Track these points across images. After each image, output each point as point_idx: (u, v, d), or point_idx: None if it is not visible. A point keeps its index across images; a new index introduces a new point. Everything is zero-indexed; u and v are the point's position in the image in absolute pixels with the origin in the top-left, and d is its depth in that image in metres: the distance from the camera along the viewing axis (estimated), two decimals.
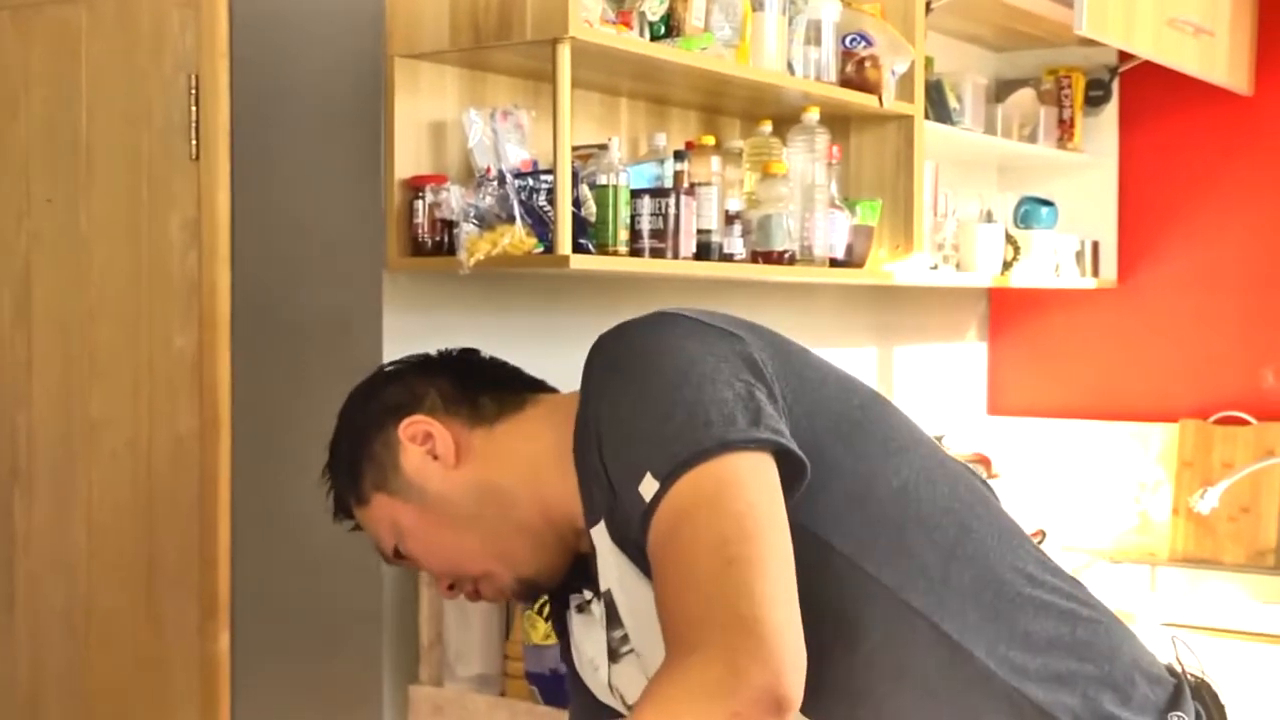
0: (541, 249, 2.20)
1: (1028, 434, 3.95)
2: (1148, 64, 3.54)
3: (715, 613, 1.20)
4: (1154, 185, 3.81)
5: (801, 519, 1.30)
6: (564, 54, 2.16)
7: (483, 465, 1.51)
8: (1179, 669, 1.52)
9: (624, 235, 2.31)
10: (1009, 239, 3.49)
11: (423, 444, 1.51)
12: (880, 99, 2.84)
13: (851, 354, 3.49)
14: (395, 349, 2.27)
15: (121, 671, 2.63)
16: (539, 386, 1.58)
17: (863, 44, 2.81)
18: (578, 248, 2.23)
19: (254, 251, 2.46)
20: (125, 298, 2.60)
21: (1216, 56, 3.50)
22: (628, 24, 2.30)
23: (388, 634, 2.30)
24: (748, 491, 1.27)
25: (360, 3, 2.32)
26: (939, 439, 3.37)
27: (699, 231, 2.45)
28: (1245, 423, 3.68)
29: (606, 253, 2.29)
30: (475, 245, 2.18)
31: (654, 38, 2.36)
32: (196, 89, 2.47)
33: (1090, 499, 3.87)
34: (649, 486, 1.27)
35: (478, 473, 1.51)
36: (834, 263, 2.81)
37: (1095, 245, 3.79)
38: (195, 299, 2.49)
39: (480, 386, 1.55)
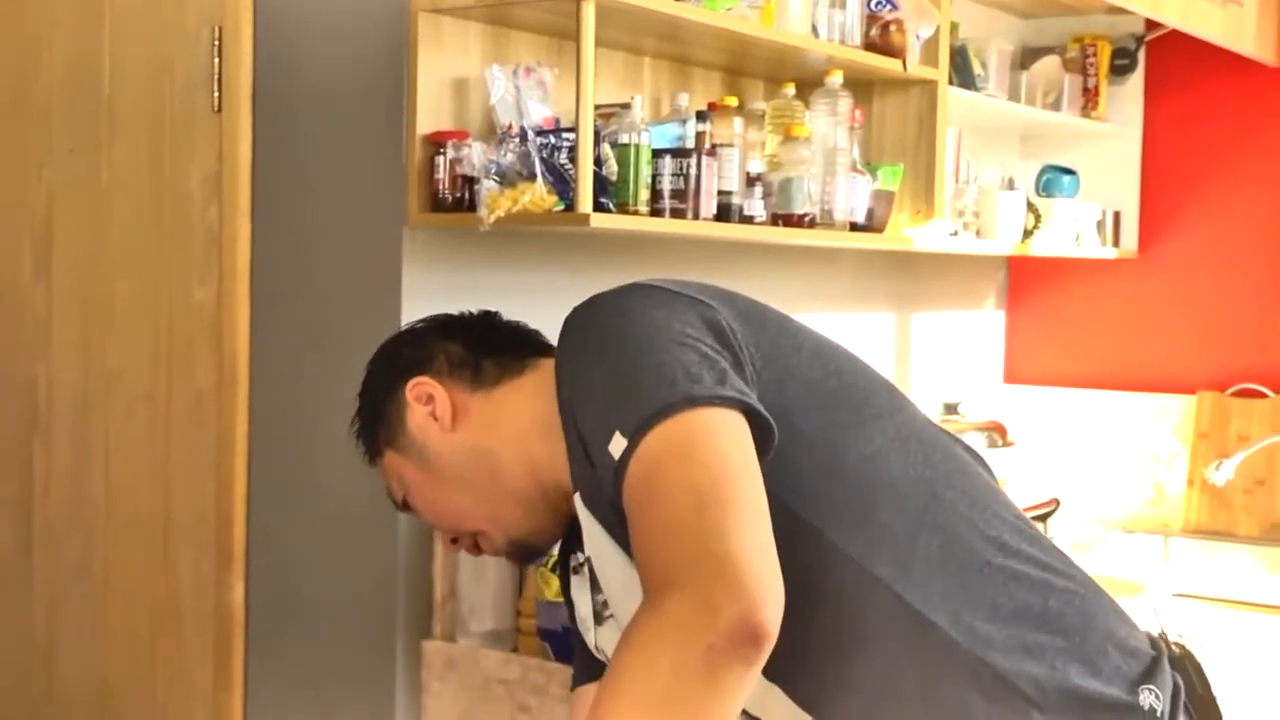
0: (562, 207, 2.20)
1: (1044, 403, 3.95)
2: (1174, 33, 3.51)
3: (689, 554, 1.22)
4: (1177, 156, 3.79)
5: (769, 485, 1.30)
6: (588, 11, 2.15)
7: (477, 429, 1.57)
8: (1160, 641, 1.51)
9: (645, 195, 2.30)
10: (1030, 207, 3.48)
11: (426, 405, 1.58)
12: (904, 63, 2.82)
13: (870, 320, 3.48)
14: (414, 305, 2.28)
15: (137, 622, 2.65)
16: (550, 351, 1.59)
17: (888, 8, 2.79)
18: (598, 206, 2.23)
19: (275, 205, 2.46)
20: (145, 250, 2.61)
21: (1244, 26, 3.47)
22: None
23: (402, 589, 2.31)
24: (718, 441, 1.29)
25: None
26: (955, 406, 3.37)
27: (720, 193, 2.44)
28: (1263, 395, 3.67)
29: (627, 212, 2.28)
30: (496, 202, 2.18)
31: None
32: (220, 41, 2.46)
33: (1105, 469, 3.87)
34: (618, 444, 1.30)
35: (472, 436, 1.56)
36: (854, 227, 2.81)
37: (1116, 215, 3.78)
38: (215, 252, 2.49)
39: (489, 350, 1.60)
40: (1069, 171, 3.66)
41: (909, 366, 3.62)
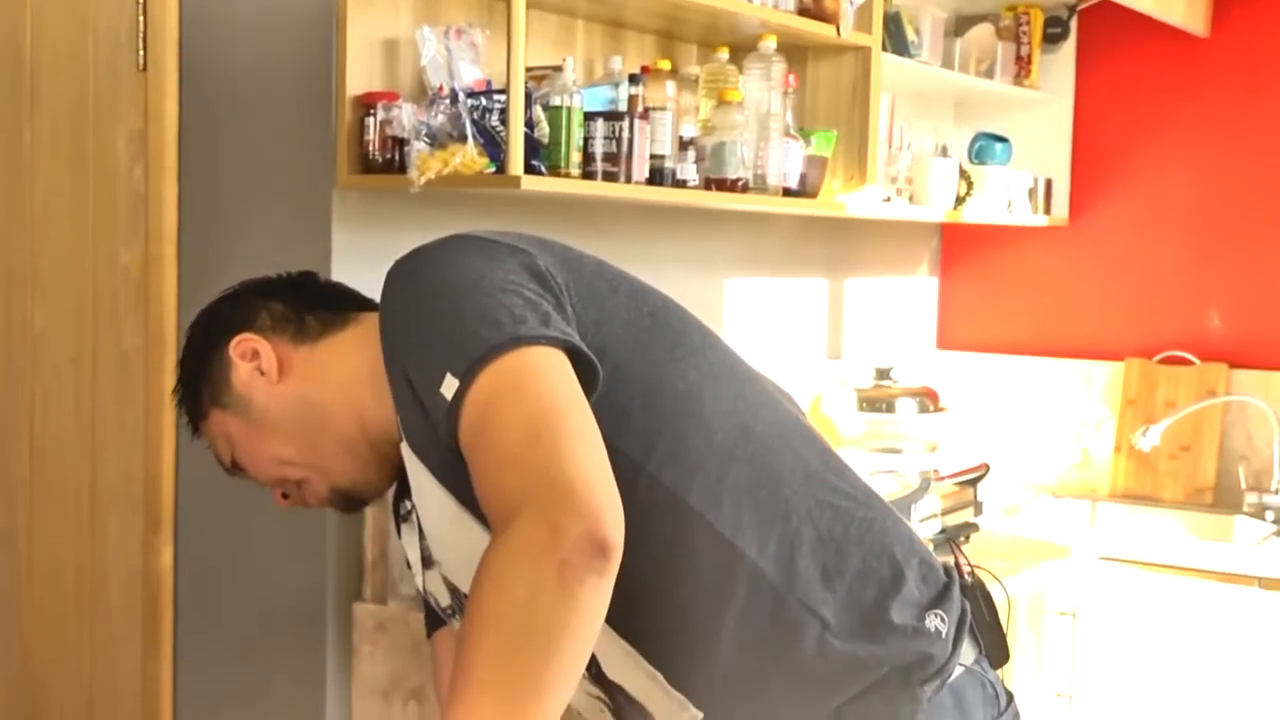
0: (493, 169, 2.19)
1: (975, 369, 3.98)
2: (1106, 3, 3.54)
3: (529, 482, 1.27)
4: (1108, 125, 3.82)
5: None
6: None
7: (303, 381, 1.60)
8: (954, 570, 1.59)
9: (576, 158, 2.30)
10: (963, 174, 3.50)
11: (251, 361, 1.62)
12: (838, 29, 2.83)
13: (803, 285, 3.49)
14: (344, 266, 2.26)
15: (63, 588, 2.62)
16: (370, 306, 1.64)
17: None
18: (529, 169, 2.22)
19: (202, 166, 2.43)
20: (70, 211, 2.57)
21: None
22: None
23: (331, 552, 2.30)
24: (547, 375, 1.34)
25: None
26: (887, 371, 3.40)
27: (652, 156, 2.44)
28: (1189, 363, 3.72)
29: (558, 174, 2.28)
30: (426, 164, 2.17)
31: None
32: None
33: (1034, 434, 3.91)
34: (449, 386, 1.34)
35: (297, 388, 1.60)
36: (787, 192, 2.81)
37: (1048, 183, 3.81)
38: (142, 213, 2.46)
39: (310, 307, 1.64)
40: (1001, 139, 3.69)
41: (842, 332, 3.64)
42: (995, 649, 1.60)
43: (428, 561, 1.59)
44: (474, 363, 1.33)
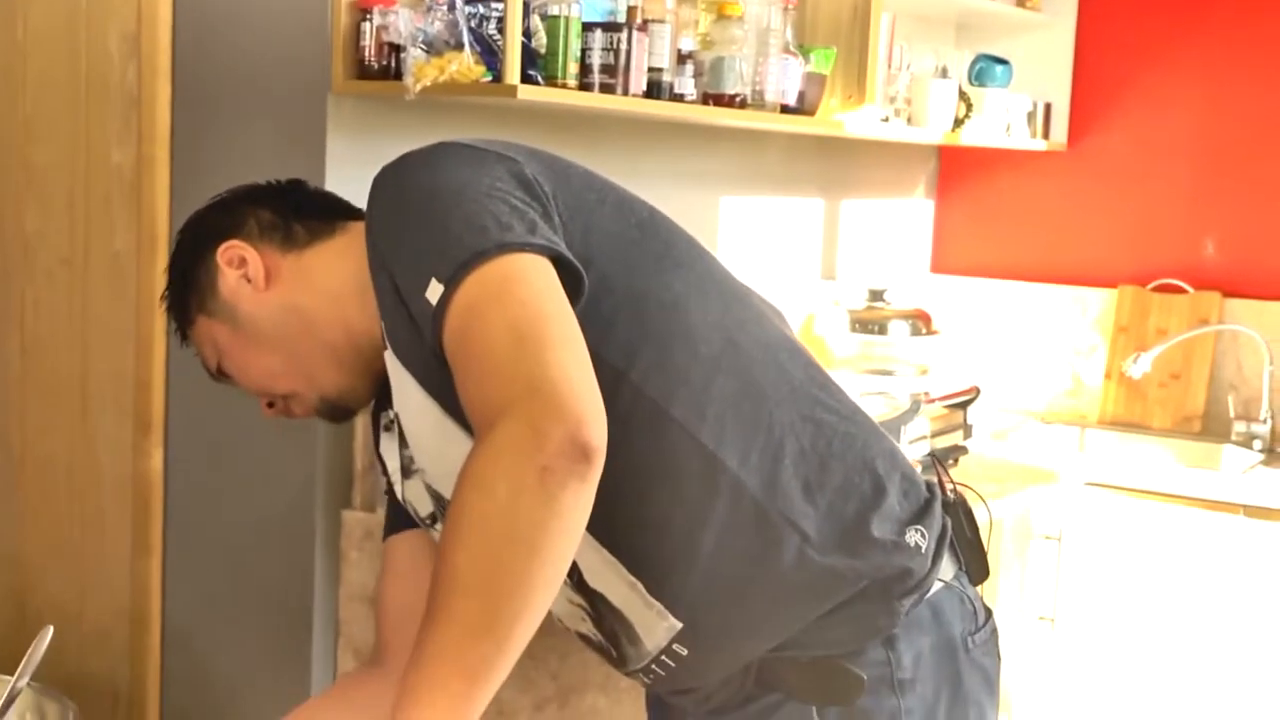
0: (489, 78, 2.17)
1: (969, 293, 3.98)
2: None
3: (512, 386, 1.27)
4: (1110, 50, 3.80)
5: None
6: None
7: (289, 289, 1.59)
8: (936, 486, 1.60)
9: (573, 68, 2.28)
10: (962, 96, 3.48)
11: (238, 268, 1.60)
12: None
13: (798, 204, 3.48)
14: (338, 172, 2.25)
15: (54, 490, 2.63)
16: (359, 216, 1.63)
17: None
18: (526, 79, 2.20)
19: (196, 67, 2.41)
20: (62, 111, 2.54)
21: None
22: None
23: (321, 458, 2.31)
24: (532, 281, 1.34)
25: None
26: (881, 293, 3.39)
27: (650, 69, 2.42)
28: (1182, 291, 3.72)
29: (555, 85, 2.26)
30: (422, 71, 2.15)
31: None
32: None
33: (1025, 360, 3.92)
34: (434, 291, 1.34)
35: (284, 295, 1.60)
36: (785, 109, 2.80)
37: (1048, 107, 3.79)
38: (134, 114, 2.44)
39: (299, 215, 1.63)
40: (1002, 61, 3.66)
41: (836, 252, 3.64)
42: (976, 565, 1.61)
43: (407, 471, 1.59)
44: (459, 268, 1.33)
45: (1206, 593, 3.18)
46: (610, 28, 2.34)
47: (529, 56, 2.22)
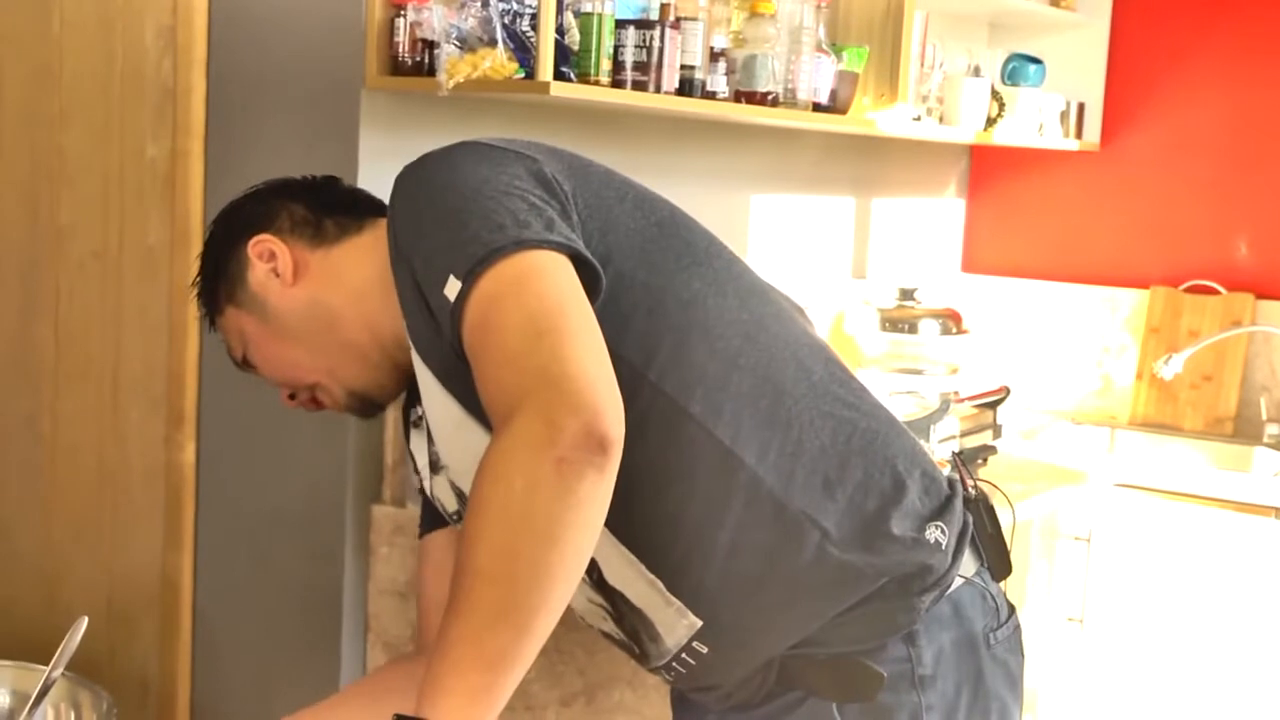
0: (522, 75, 2.17)
1: (1000, 293, 3.97)
2: None
3: (529, 379, 1.28)
4: (1143, 49, 3.78)
5: None
6: None
7: (317, 285, 1.61)
8: (957, 483, 1.59)
9: (606, 65, 2.28)
10: (994, 95, 3.47)
11: (268, 261, 1.62)
12: None
13: (830, 203, 3.48)
14: (371, 167, 2.25)
15: (85, 480, 2.64)
16: (386, 212, 1.64)
17: None
18: (559, 75, 2.21)
19: (230, 61, 2.42)
20: (96, 103, 2.56)
21: None
22: None
23: (352, 453, 2.32)
24: (550, 277, 1.34)
25: None
26: (911, 292, 3.38)
27: (682, 67, 2.42)
28: (1215, 292, 3.70)
29: (588, 82, 2.26)
30: (455, 67, 2.15)
31: None
32: None
33: (1056, 360, 3.91)
34: (453, 287, 1.35)
35: (311, 291, 1.61)
36: (817, 108, 2.79)
37: (1081, 107, 3.77)
38: (169, 107, 2.45)
39: (330, 211, 1.64)
40: (1035, 61, 3.65)
41: (867, 251, 3.63)
42: (998, 561, 1.60)
43: (435, 467, 1.60)
44: (476, 264, 1.34)
45: (1237, 596, 3.17)
46: (643, 25, 2.34)
47: (562, 53, 2.22)
